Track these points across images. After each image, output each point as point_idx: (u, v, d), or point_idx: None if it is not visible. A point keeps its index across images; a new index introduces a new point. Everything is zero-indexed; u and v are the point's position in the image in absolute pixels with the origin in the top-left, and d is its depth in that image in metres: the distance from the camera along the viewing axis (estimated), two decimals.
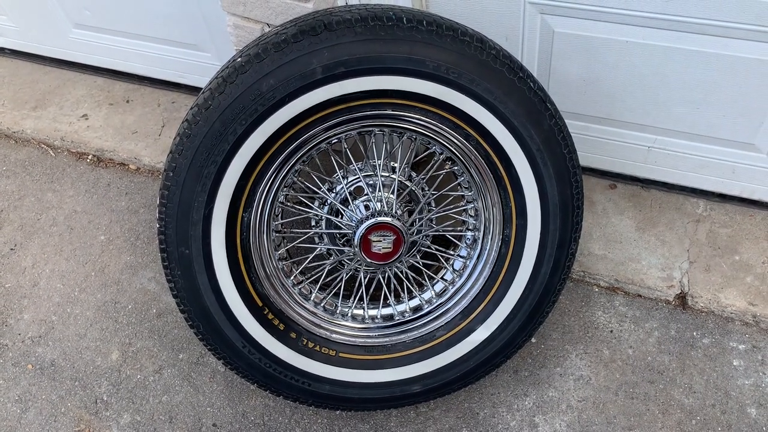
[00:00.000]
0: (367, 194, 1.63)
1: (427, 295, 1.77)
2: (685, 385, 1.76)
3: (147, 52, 2.51)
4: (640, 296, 1.92)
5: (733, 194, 2.00)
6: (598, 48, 1.78)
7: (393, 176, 1.64)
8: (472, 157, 1.57)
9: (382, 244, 1.57)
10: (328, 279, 1.73)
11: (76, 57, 2.69)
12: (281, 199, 1.61)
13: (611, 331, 1.87)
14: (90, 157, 2.48)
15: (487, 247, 1.68)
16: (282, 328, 1.63)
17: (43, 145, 2.54)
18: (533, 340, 1.88)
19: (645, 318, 1.88)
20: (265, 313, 1.61)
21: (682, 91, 1.79)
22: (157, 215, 1.49)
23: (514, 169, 1.53)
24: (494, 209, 1.63)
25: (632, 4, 1.65)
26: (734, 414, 1.70)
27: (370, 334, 1.73)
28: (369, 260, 1.60)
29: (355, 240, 1.57)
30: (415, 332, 1.73)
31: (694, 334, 1.84)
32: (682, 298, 1.89)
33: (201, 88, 2.55)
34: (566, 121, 1.85)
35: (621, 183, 2.13)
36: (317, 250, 1.72)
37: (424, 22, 1.39)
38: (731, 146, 1.88)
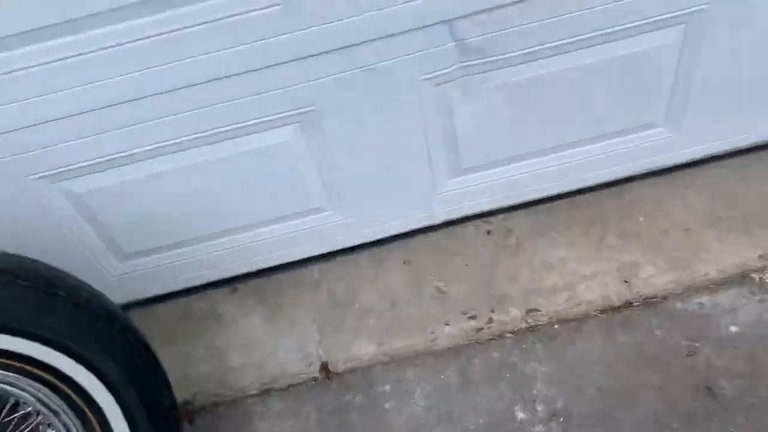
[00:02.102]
0: None
1: None
2: None
3: None
4: (291, 385, 1.94)
5: (334, 250, 2.10)
6: (131, 192, 1.77)
7: None
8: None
9: None
10: None
11: None
12: None
13: None
14: None
15: None
16: None
17: None
18: None
19: (301, 404, 1.89)
20: None
21: (238, 190, 1.84)
22: None
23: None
24: None
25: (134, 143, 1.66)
26: None
27: None
28: None
29: None
30: None
31: (347, 398, 1.89)
32: (325, 369, 1.94)
33: None
34: (150, 256, 1.91)
35: (243, 284, 2.14)
36: None
37: None
38: (295, 217, 1.98)
